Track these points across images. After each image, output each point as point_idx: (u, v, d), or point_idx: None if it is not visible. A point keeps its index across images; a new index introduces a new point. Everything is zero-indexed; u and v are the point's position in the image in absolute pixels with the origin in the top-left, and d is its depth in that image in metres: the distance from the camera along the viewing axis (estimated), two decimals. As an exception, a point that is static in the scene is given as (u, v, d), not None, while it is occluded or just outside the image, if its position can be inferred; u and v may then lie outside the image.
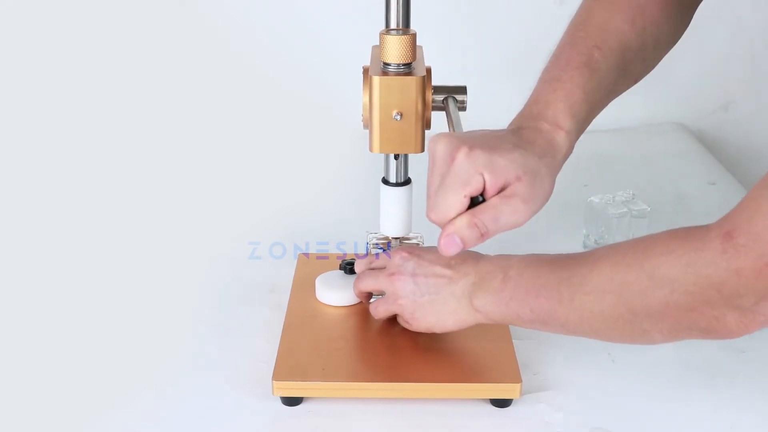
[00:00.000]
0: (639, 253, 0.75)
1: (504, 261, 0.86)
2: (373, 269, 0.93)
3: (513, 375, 0.86)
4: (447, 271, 0.87)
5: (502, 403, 0.86)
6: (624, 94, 1.65)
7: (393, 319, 0.93)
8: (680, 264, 0.72)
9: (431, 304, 0.87)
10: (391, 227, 0.96)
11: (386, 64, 0.89)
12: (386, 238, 0.98)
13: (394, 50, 0.88)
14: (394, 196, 0.95)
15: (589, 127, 0.94)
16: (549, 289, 0.80)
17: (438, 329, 0.88)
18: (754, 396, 0.88)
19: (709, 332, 0.73)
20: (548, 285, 0.81)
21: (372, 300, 0.94)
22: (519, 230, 1.20)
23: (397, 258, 0.90)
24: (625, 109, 1.60)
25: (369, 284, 0.93)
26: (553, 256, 0.84)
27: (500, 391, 0.85)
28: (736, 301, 0.70)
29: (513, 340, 0.91)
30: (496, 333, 0.92)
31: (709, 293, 0.71)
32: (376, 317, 0.92)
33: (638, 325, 0.76)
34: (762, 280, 0.69)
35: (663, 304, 0.73)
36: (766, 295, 0.69)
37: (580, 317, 0.79)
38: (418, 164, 0.94)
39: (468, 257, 0.88)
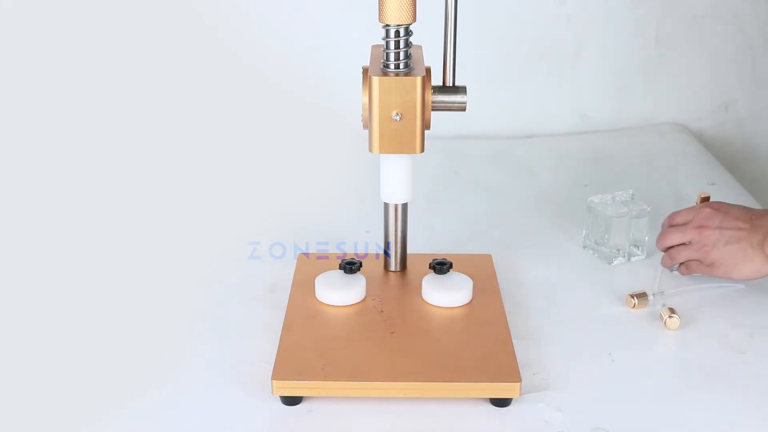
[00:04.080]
0: None
1: None
2: (674, 226, 1.07)
3: (513, 374, 0.85)
4: (747, 225, 1.01)
5: (501, 403, 0.86)
6: (624, 94, 1.66)
7: (394, 319, 0.94)
8: None
9: (732, 253, 1.01)
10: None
11: (386, 26, 0.87)
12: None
13: (394, 9, 0.87)
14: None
15: (589, 127, 0.94)
16: None
17: (735, 275, 1.01)
18: (754, 396, 0.88)
19: None
20: None
21: (673, 269, 1.09)
22: (518, 230, 1.21)
23: (705, 212, 1.04)
24: (625, 109, 1.62)
25: (676, 238, 1.06)
26: None
27: (500, 390, 0.85)
28: None
29: (513, 340, 0.91)
30: (496, 333, 0.92)
31: None
32: (673, 261, 1.07)
33: None
34: None
35: None
36: None
37: None
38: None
39: (766, 212, 1.02)
